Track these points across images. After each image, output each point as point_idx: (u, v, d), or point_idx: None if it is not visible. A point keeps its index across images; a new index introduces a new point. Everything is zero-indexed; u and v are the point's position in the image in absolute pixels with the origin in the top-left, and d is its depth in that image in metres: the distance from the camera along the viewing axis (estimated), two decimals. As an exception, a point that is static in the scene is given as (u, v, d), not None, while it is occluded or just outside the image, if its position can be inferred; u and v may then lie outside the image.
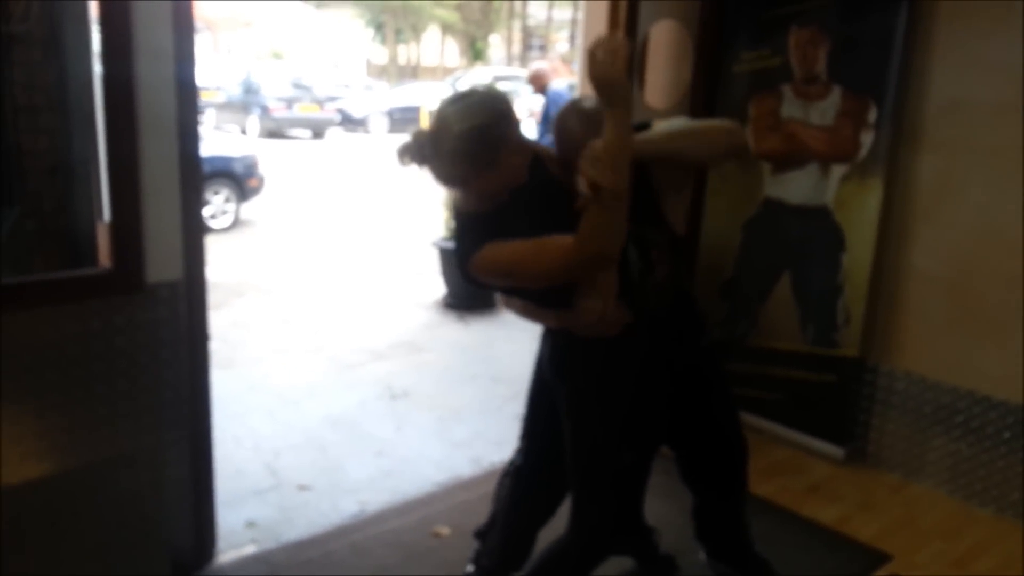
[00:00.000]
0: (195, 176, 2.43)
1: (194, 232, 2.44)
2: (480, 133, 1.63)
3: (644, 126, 1.95)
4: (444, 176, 1.68)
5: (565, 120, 1.95)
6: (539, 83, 6.31)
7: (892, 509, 3.14)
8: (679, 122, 1.98)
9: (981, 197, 3.01)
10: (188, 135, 2.38)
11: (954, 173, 3.09)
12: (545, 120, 6.18)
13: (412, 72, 32.80)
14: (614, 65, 1.55)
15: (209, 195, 7.91)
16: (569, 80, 6.34)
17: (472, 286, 1.84)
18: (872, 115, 3.23)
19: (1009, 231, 2.93)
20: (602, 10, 3.38)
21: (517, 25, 34.11)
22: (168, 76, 2.28)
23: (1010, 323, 2.97)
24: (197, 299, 2.48)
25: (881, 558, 2.79)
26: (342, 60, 32.39)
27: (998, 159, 2.96)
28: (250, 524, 2.88)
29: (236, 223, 8.15)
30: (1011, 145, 2.91)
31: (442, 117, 1.66)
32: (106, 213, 2.31)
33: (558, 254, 1.66)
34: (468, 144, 1.63)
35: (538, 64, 6.72)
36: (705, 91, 3.74)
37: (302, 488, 3.12)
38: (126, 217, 2.27)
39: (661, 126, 1.93)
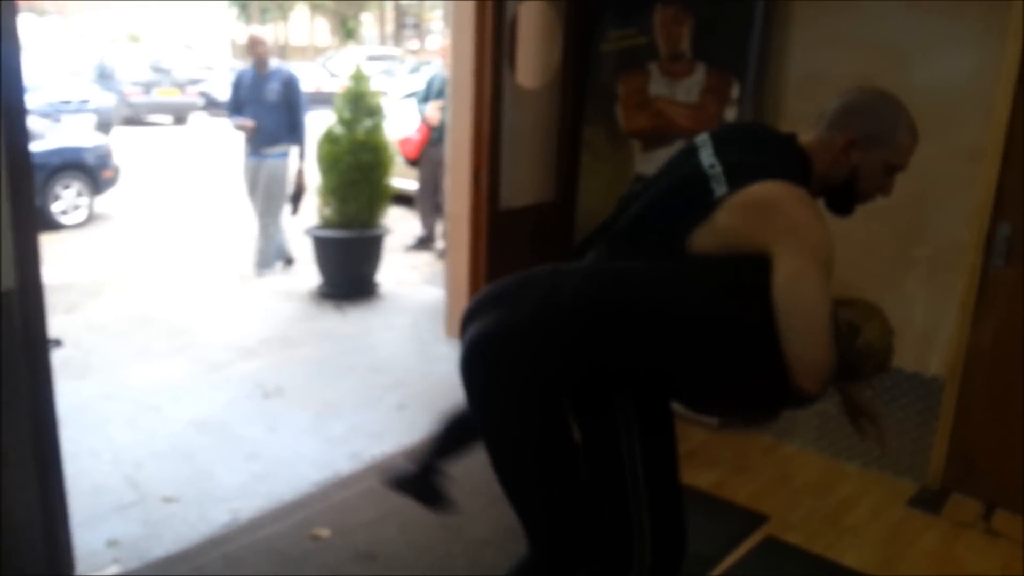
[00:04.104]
0: (24, 170, 2.19)
1: (27, 233, 2.21)
2: (867, 113, 1.75)
3: None
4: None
5: None
6: (258, 52, 5.62)
7: (766, 470, 3.25)
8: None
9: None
10: (14, 125, 2.14)
11: None
12: (239, 97, 5.64)
13: (281, 52, 31.64)
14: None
15: (59, 189, 7.41)
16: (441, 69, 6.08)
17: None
18: (735, 91, 3.29)
19: (864, 200, 3.05)
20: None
21: (390, 3, 33.50)
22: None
23: (867, 287, 3.08)
24: (34, 307, 2.26)
25: (758, 519, 2.88)
26: (204, 41, 30.90)
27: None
28: (111, 543, 2.67)
29: (90, 218, 7.64)
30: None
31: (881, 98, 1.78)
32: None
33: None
34: (861, 107, 1.76)
35: (257, 31, 5.97)
36: (575, 70, 3.74)
37: (167, 500, 2.93)
38: (-58, 220, 2.03)
39: None
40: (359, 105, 5.25)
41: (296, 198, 5.80)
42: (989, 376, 2.91)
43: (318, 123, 5.72)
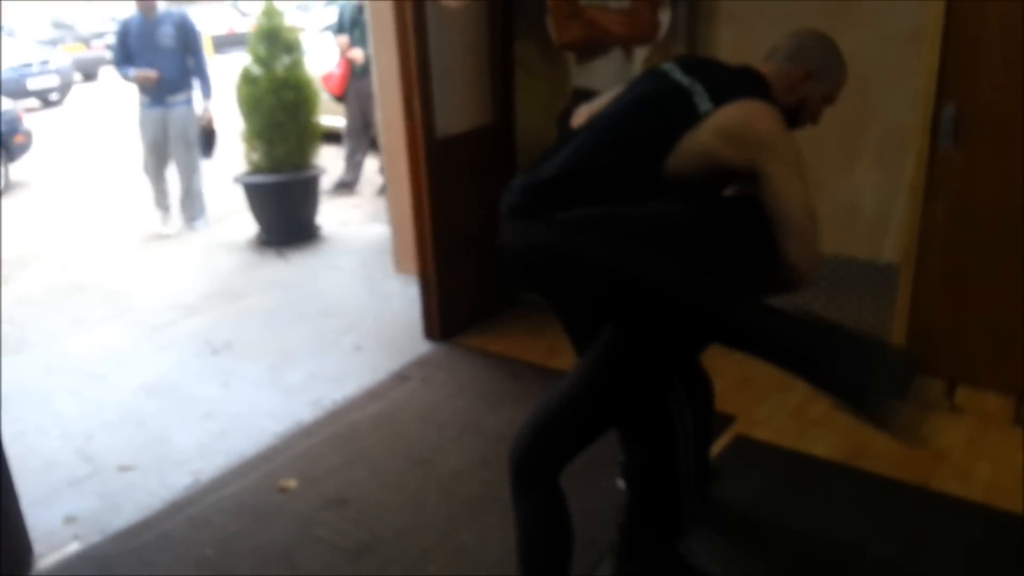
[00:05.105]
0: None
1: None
2: (818, 50, 1.94)
3: None
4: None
5: None
6: (144, 2, 5.20)
7: (727, 372, 3.22)
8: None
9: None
10: None
11: (750, 42, 3.06)
12: (129, 48, 5.25)
13: (188, -2, 30.12)
14: None
15: (-31, 160, 6.98)
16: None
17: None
18: (668, -8, 3.17)
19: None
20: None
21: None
22: None
23: (816, 180, 3.04)
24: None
25: (726, 420, 2.88)
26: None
27: (789, 23, 2.97)
28: (69, 519, 2.56)
29: (7, 187, 7.23)
30: (801, 8, 2.94)
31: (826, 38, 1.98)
32: None
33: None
34: (812, 44, 1.95)
35: None
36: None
37: (123, 469, 2.82)
38: None
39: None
40: (275, 41, 4.98)
41: (208, 141, 5.51)
42: (943, 256, 2.92)
43: (235, 66, 5.42)
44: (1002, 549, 2.25)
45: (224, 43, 16.03)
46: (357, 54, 5.75)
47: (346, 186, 6.29)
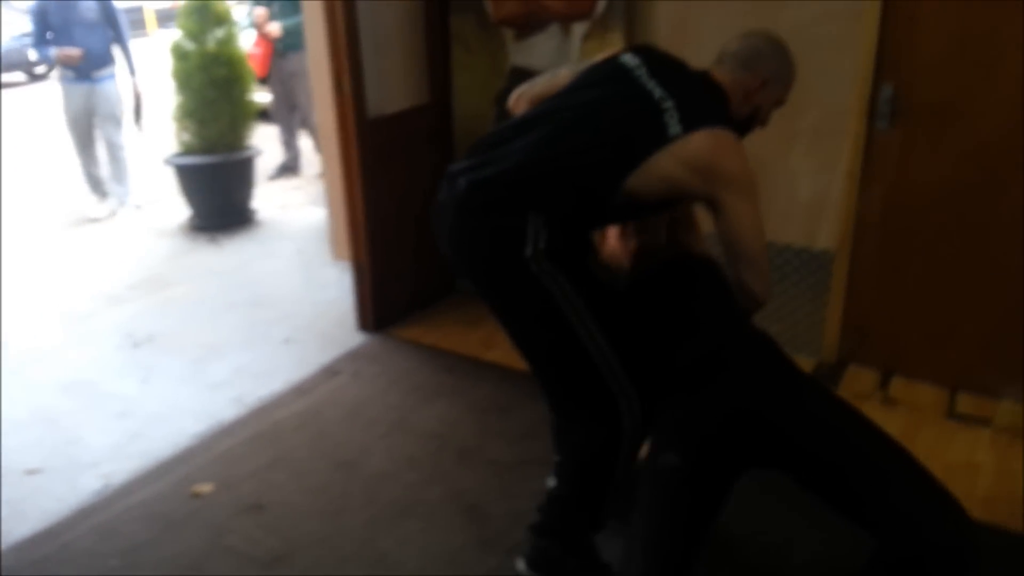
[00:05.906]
0: None
1: None
2: (772, 55, 1.92)
3: None
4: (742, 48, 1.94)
5: None
6: None
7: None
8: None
9: (716, 37, 2.92)
10: None
11: (689, 16, 3.01)
12: (47, 26, 4.99)
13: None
14: None
15: None
16: None
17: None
18: (602, -33, 3.05)
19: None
20: None
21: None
22: None
23: (760, 169, 2.98)
24: None
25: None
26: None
27: None
28: (-32, 529, 2.42)
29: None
30: (738, -16, 2.86)
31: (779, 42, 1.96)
32: None
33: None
34: (767, 49, 1.93)
35: None
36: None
37: (30, 472, 2.66)
38: None
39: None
40: (205, 14, 4.76)
41: (137, 111, 5.32)
42: (879, 243, 2.86)
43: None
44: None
45: (167, 17, 15.49)
46: (274, 28, 5.52)
47: (289, 169, 6.08)
